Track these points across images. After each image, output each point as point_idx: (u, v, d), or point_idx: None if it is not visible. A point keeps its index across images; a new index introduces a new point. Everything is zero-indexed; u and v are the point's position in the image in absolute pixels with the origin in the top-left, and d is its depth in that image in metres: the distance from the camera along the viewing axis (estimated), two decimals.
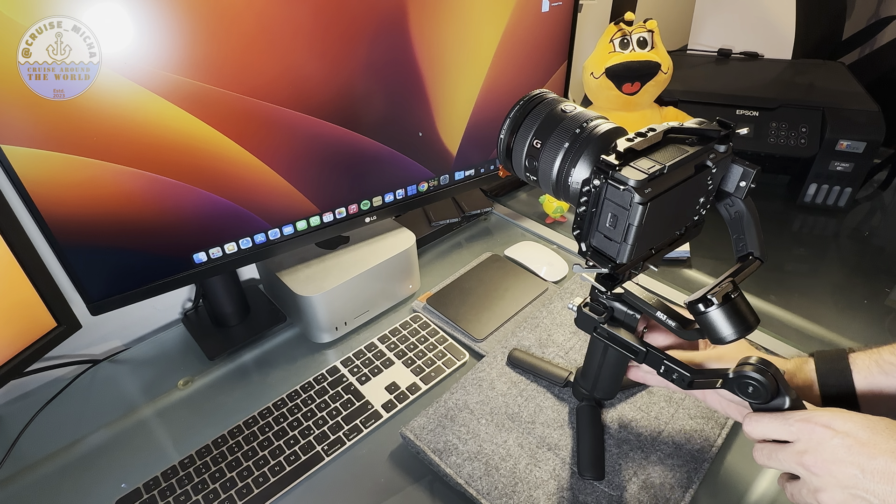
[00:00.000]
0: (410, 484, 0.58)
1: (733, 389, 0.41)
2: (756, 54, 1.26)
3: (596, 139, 0.40)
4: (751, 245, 0.42)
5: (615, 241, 0.37)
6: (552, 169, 0.41)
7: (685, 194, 0.38)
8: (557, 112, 0.42)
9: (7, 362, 0.58)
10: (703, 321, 0.39)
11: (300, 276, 0.74)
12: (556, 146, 0.41)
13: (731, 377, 0.41)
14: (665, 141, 0.38)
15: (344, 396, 0.67)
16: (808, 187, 1.00)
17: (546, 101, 0.43)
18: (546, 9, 0.77)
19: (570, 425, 0.61)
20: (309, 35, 0.59)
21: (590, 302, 0.48)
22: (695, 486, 0.55)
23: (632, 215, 0.35)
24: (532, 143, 0.42)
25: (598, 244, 0.39)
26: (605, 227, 0.37)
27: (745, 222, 0.42)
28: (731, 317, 0.38)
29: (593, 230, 0.39)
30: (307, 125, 0.64)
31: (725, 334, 0.39)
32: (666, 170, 0.35)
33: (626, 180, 0.34)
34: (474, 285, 0.83)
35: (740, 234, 0.43)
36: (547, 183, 0.42)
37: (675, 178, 0.36)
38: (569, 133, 0.40)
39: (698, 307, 0.38)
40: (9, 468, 0.62)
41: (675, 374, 0.45)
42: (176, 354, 0.76)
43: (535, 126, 0.42)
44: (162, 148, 0.56)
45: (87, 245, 0.57)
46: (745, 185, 0.41)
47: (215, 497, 0.57)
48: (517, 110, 0.43)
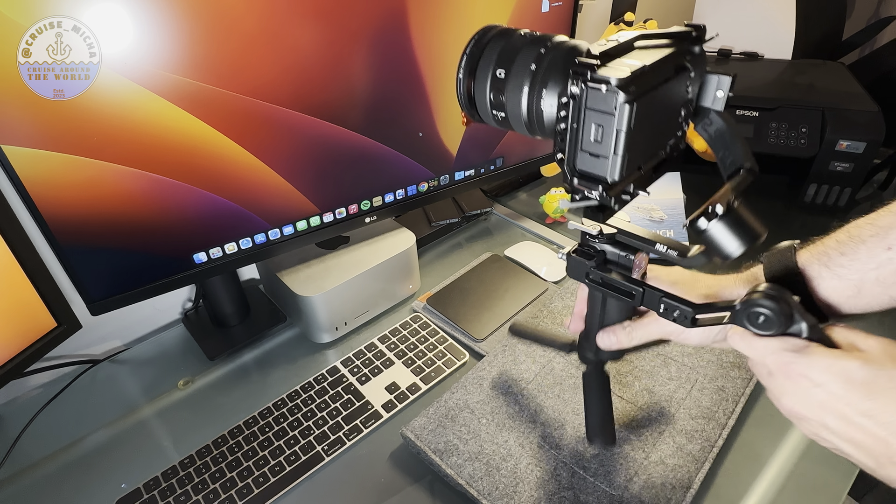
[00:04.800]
0: (411, 484, 0.58)
1: (742, 322, 0.38)
2: (756, 54, 1.26)
3: (565, 53, 0.37)
4: (738, 158, 0.40)
5: (603, 155, 0.35)
6: (521, 97, 0.38)
7: (668, 99, 0.36)
8: (517, 37, 0.39)
9: (7, 362, 0.58)
10: (707, 239, 0.36)
11: (300, 276, 0.74)
12: (522, 71, 0.38)
13: (738, 308, 0.38)
14: (636, 47, 0.36)
15: (344, 396, 0.67)
16: (808, 187, 1.00)
17: (501, 29, 0.41)
18: (546, 9, 0.77)
19: (571, 424, 0.61)
20: (309, 35, 0.60)
21: (579, 247, 0.45)
22: (695, 486, 0.55)
23: (619, 119, 0.32)
24: (495, 74, 0.39)
25: (583, 166, 0.36)
26: (591, 142, 0.35)
27: (728, 137, 0.40)
28: (735, 227, 0.35)
29: (577, 150, 0.36)
30: (307, 125, 0.64)
31: (732, 248, 0.35)
32: (647, 68, 0.33)
33: (609, 79, 0.32)
34: (474, 285, 0.83)
35: (725, 149, 0.40)
36: (517, 117, 0.39)
37: (657, 78, 0.34)
38: (533, 53, 0.38)
39: (699, 223, 0.36)
40: (9, 468, 0.62)
41: (677, 312, 0.41)
42: (176, 354, 0.76)
43: (495, 56, 0.39)
44: (162, 148, 0.56)
45: (87, 245, 0.57)
46: (722, 95, 0.39)
47: (215, 497, 0.57)
48: (472, 45, 0.40)
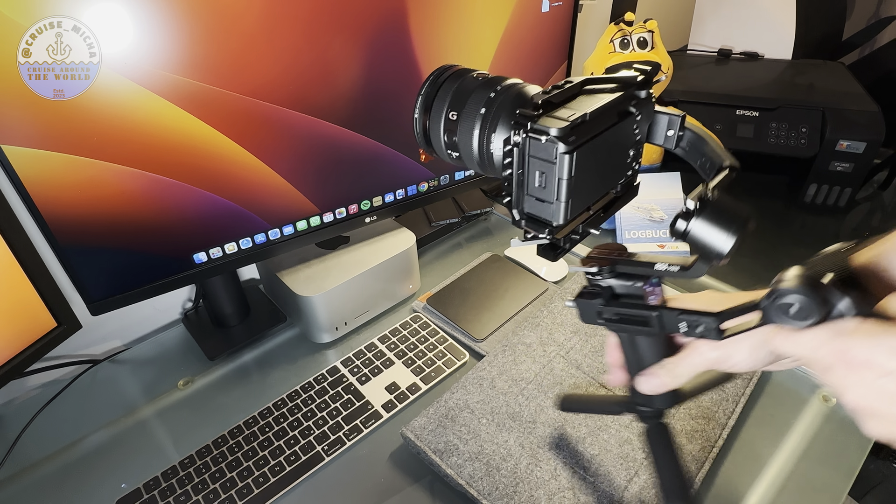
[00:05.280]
0: (410, 484, 0.58)
1: (777, 319, 0.34)
2: (756, 54, 1.27)
3: (512, 98, 0.38)
4: (717, 159, 0.38)
5: (548, 201, 0.35)
6: (472, 139, 0.39)
7: (612, 144, 0.37)
8: (469, 80, 0.40)
9: (7, 362, 0.58)
10: (693, 241, 0.34)
11: (300, 276, 0.74)
12: (473, 114, 0.39)
13: (765, 305, 0.34)
14: (583, 92, 0.37)
15: (344, 396, 0.67)
16: (808, 187, 1.00)
17: (456, 71, 0.41)
18: (546, 9, 0.77)
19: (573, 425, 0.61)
20: (309, 35, 0.59)
21: (585, 289, 0.44)
22: (695, 486, 0.55)
23: (559, 168, 0.33)
24: (448, 116, 0.40)
25: (531, 209, 0.37)
26: (535, 187, 0.35)
27: (700, 144, 0.39)
28: (718, 220, 0.33)
29: (523, 195, 0.36)
30: (307, 125, 0.64)
31: (720, 243, 0.33)
32: (588, 117, 0.33)
33: (548, 130, 0.32)
34: (474, 285, 0.83)
35: (702, 157, 0.39)
36: (470, 157, 0.40)
37: (599, 126, 0.35)
38: (483, 97, 0.39)
39: (678, 226, 0.34)
40: (9, 468, 0.62)
41: (700, 327, 0.38)
42: (176, 354, 0.76)
43: (448, 98, 0.40)
44: (162, 148, 0.56)
45: (87, 245, 0.57)
46: (673, 134, 0.39)
47: (215, 497, 0.57)
48: (427, 86, 0.41)
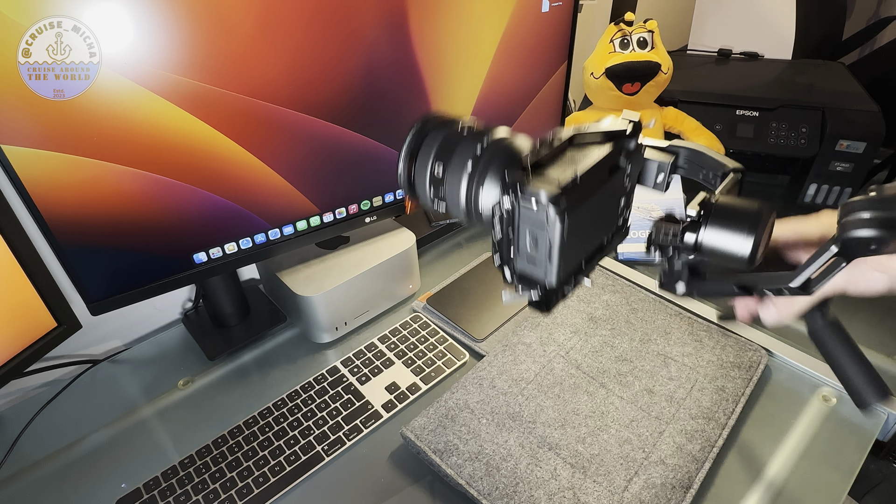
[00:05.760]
0: (410, 484, 0.58)
1: (855, 253, 0.30)
2: (756, 54, 1.26)
3: (499, 154, 0.37)
4: (718, 167, 0.36)
5: (540, 262, 0.34)
6: (459, 195, 0.38)
7: (604, 199, 0.36)
8: (455, 131, 0.39)
9: (7, 362, 0.58)
10: (709, 252, 0.32)
11: (300, 276, 0.74)
12: (459, 169, 0.37)
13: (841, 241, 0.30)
14: (572, 147, 0.36)
15: (344, 396, 0.67)
16: (808, 187, 1.00)
17: (442, 121, 0.40)
18: (546, 9, 0.77)
19: (572, 425, 0.61)
20: (309, 35, 0.59)
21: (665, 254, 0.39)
22: (695, 486, 0.55)
23: (552, 232, 0.32)
24: (433, 169, 0.38)
25: (523, 269, 0.36)
26: (527, 250, 0.34)
27: (699, 157, 0.37)
28: (728, 221, 0.31)
29: (515, 255, 0.35)
30: (307, 125, 0.64)
31: (740, 245, 0.31)
32: (579, 179, 0.33)
33: (539, 195, 0.31)
34: (474, 285, 0.83)
35: (703, 169, 0.37)
36: (457, 210, 0.39)
37: (590, 185, 0.34)
38: (469, 153, 0.37)
39: (687, 240, 0.32)
40: (9, 468, 0.62)
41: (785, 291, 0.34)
42: (176, 354, 0.76)
43: (433, 150, 0.39)
44: (162, 148, 0.56)
45: (87, 245, 0.57)
46: (663, 179, 0.37)
47: (215, 497, 0.57)
48: (412, 136, 0.40)
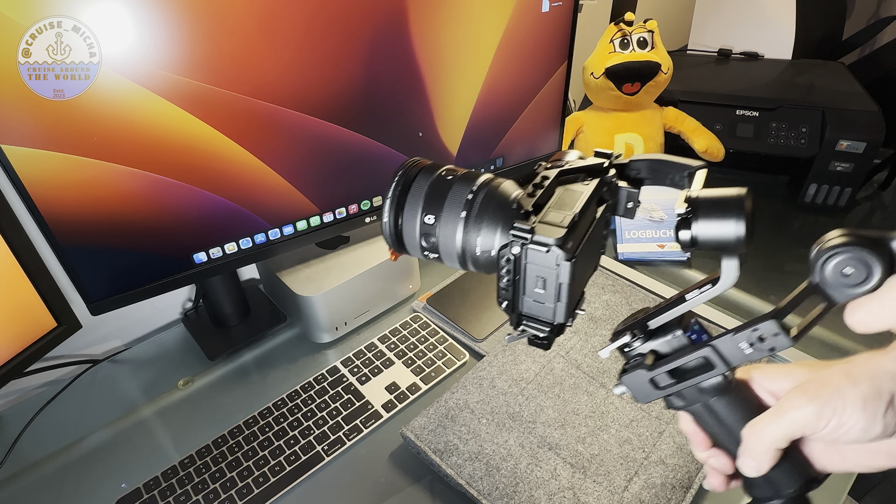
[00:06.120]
0: (410, 484, 0.58)
1: (834, 293, 0.30)
2: (756, 54, 1.26)
3: (492, 198, 0.37)
4: (681, 167, 0.36)
5: (547, 303, 0.35)
6: (454, 243, 0.38)
7: (596, 234, 0.37)
8: (441, 179, 0.39)
9: (7, 362, 0.58)
10: (706, 244, 0.32)
11: (300, 276, 0.74)
12: (453, 217, 0.37)
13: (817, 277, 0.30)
14: (562, 185, 0.36)
15: (344, 396, 0.67)
16: (808, 187, 1.00)
17: (424, 169, 0.40)
18: (546, 9, 0.77)
19: (573, 425, 0.61)
20: (309, 35, 0.59)
21: (627, 365, 0.40)
22: (695, 486, 0.55)
23: (562, 274, 0.33)
24: (423, 220, 0.38)
25: (529, 310, 0.36)
26: (534, 291, 0.35)
27: (659, 163, 0.37)
28: (716, 211, 0.31)
29: (521, 296, 0.36)
30: (307, 125, 0.64)
31: (734, 230, 0.31)
32: (577, 217, 0.33)
33: (548, 241, 0.32)
34: (474, 285, 0.83)
35: (668, 173, 0.37)
36: (451, 257, 0.39)
37: (585, 223, 0.35)
38: (461, 199, 0.37)
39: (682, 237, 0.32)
40: (9, 468, 0.62)
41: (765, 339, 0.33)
42: (176, 354, 0.76)
43: (421, 200, 0.38)
44: (162, 148, 0.56)
45: (87, 245, 0.57)
46: (632, 206, 0.38)
47: (215, 497, 0.57)
48: (395, 186, 0.40)
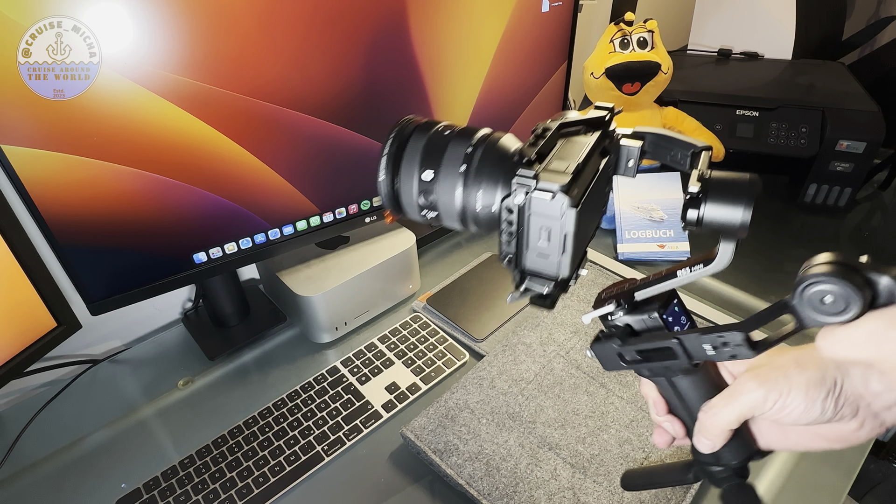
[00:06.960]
0: (410, 484, 0.58)
1: (808, 316, 0.31)
2: (756, 54, 1.26)
3: (492, 151, 0.36)
4: (686, 146, 0.36)
5: (552, 256, 0.34)
6: (454, 199, 0.37)
7: (599, 186, 0.36)
8: (438, 134, 0.38)
9: (7, 362, 0.58)
10: (710, 225, 0.32)
11: (300, 276, 0.74)
12: (452, 173, 0.36)
13: (796, 301, 0.31)
14: (561, 137, 0.36)
15: (344, 396, 0.67)
16: (808, 187, 1.00)
17: (420, 125, 0.39)
18: (546, 9, 0.77)
19: (573, 426, 0.61)
20: (309, 35, 0.59)
21: (602, 333, 0.41)
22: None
23: (566, 223, 0.32)
24: (421, 177, 0.37)
25: (532, 266, 0.35)
26: (537, 244, 0.34)
27: (663, 138, 0.37)
28: (727, 194, 0.31)
29: (524, 251, 0.35)
30: (307, 125, 0.64)
31: (740, 215, 0.31)
32: (581, 166, 0.33)
33: (552, 188, 0.31)
34: (474, 285, 0.83)
35: (671, 148, 0.37)
36: (451, 216, 0.38)
37: (590, 172, 0.34)
38: (460, 153, 0.36)
39: (689, 216, 0.32)
40: (9, 468, 0.62)
41: (728, 346, 0.34)
42: (176, 354, 0.76)
43: (418, 156, 0.37)
44: (162, 148, 0.56)
45: (87, 245, 0.57)
46: (633, 164, 0.38)
47: (215, 497, 0.57)
48: (391, 143, 0.39)
